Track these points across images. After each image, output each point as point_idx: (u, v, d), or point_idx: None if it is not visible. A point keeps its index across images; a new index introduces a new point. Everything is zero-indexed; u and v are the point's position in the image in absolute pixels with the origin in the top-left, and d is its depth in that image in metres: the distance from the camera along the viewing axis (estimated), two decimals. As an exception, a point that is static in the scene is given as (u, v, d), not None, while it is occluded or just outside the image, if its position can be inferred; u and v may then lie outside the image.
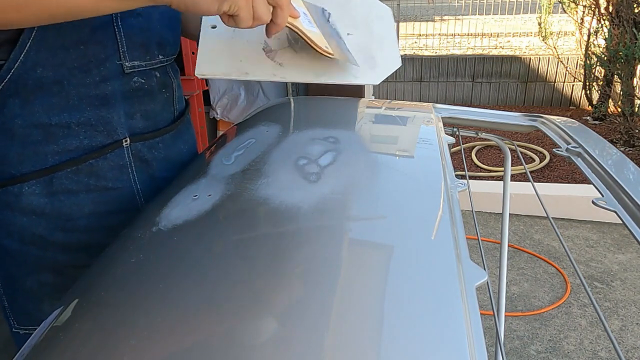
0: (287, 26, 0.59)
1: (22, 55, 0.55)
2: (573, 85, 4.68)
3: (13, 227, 0.62)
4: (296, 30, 0.60)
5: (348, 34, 0.69)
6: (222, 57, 0.63)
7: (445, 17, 7.61)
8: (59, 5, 0.49)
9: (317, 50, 0.63)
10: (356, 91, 2.37)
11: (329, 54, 0.63)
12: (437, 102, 1.02)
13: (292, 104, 0.97)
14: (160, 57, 0.69)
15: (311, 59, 0.64)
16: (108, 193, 0.66)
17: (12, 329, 0.69)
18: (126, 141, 0.66)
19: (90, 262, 0.56)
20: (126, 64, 0.64)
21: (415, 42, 6.27)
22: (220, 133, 2.68)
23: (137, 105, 0.67)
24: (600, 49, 3.95)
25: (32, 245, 0.63)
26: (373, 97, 3.66)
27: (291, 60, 0.65)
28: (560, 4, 4.47)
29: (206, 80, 2.52)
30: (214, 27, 0.66)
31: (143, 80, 0.67)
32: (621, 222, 0.56)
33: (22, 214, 0.62)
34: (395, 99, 4.96)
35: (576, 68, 4.60)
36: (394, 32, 0.72)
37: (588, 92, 4.45)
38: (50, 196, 0.62)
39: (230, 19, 0.54)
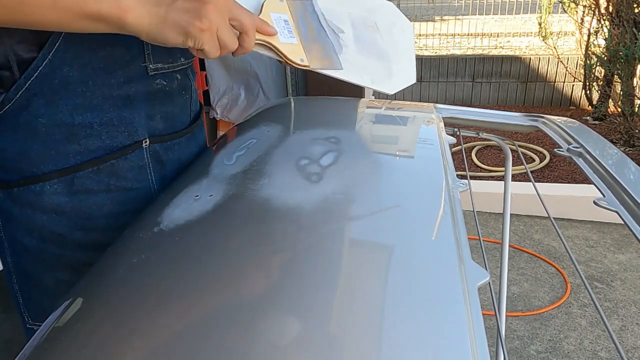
0: (260, 44, 0.59)
1: (50, 54, 0.56)
2: (573, 85, 4.67)
3: (33, 225, 0.63)
4: (270, 47, 0.60)
5: (376, 38, 0.70)
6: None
7: (445, 17, 7.61)
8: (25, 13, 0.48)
9: (290, 64, 0.63)
10: (356, 91, 2.37)
11: (304, 66, 0.63)
12: (437, 102, 1.01)
13: (293, 104, 0.97)
14: (182, 59, 0.70)
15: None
16: (127, 193, 0.66)
17: (27, 324, 0.70)
18: (146, 142, 0.67)
19: None
20: (150, 66, 0.64)
21: (416, 42, 6.26)
22: (220, 133, 2.68)
23: (158, 106, 0.68)
24: (600, 49, 3.95)
25: (51, 243, 0.64)
26: (373, 97, 3.66)
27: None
28: (560, 4, 4.47)
29: (206, 80, 2.52)
30: None
31: (165, 83, 0.68)
32: (621, 222, 0.56)
33: (42, 212, 0.62)
34: (395, 99, 4.96)
35: (576, 68, 4.60)
36: (413, 49, 0.72)
37: (588, 92, 4.45)
38: (71, 195, 0.62)
39: (199, 51, 0.56)
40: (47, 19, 0.49)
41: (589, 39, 4.17)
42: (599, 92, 4.31)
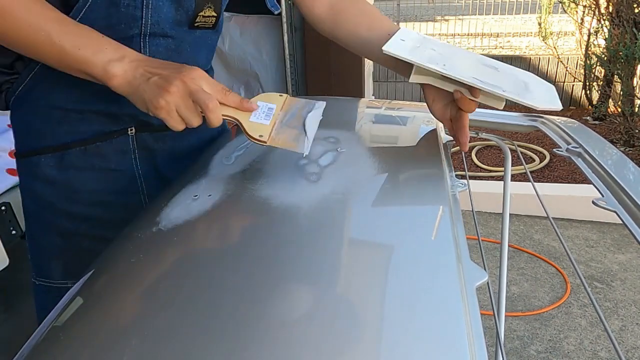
0: (226, 117, 0.60)
1: None
2: (573, 85, 4.67)
3: (33, 192, 0.74)
4: (236, 121, 0.62)
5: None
6: (412, 49, 0.69)
7: (446, 17, 7.61)
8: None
9: (248, 137, 0.62)
10: (356, 92, 2.37)
11: (261, 141, 0.61)
12: (437, 102, 1.01)
13: (292, 104, 0.96)
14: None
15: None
16: (110, 174, 0.74)
17: (32, 278, 0.79)
18: (131, 130, 0.73)
19: (90, 233, 0.74)
20: None
21: (415, 42, 6.25)
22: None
23: None
24: (600, 49, 3.95)
25: (45, 210, 0.74)
26: (373, 97, 3.66)
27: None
28: (560, 4, 4.47)
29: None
30: (402, 40, 0.71)
31: None
32: (621, 222, 0.56)
33: (38, 180, 0.72)
34: (395, 99, 4.96)
35: (576, 68, 4.60)
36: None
37: (588, 92, 4.44)
38: (60, 169, 0.72)
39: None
40: (51, 64, 0.60)
41: (589, 39, 4.17)
42: (599, 92, 4.30)
